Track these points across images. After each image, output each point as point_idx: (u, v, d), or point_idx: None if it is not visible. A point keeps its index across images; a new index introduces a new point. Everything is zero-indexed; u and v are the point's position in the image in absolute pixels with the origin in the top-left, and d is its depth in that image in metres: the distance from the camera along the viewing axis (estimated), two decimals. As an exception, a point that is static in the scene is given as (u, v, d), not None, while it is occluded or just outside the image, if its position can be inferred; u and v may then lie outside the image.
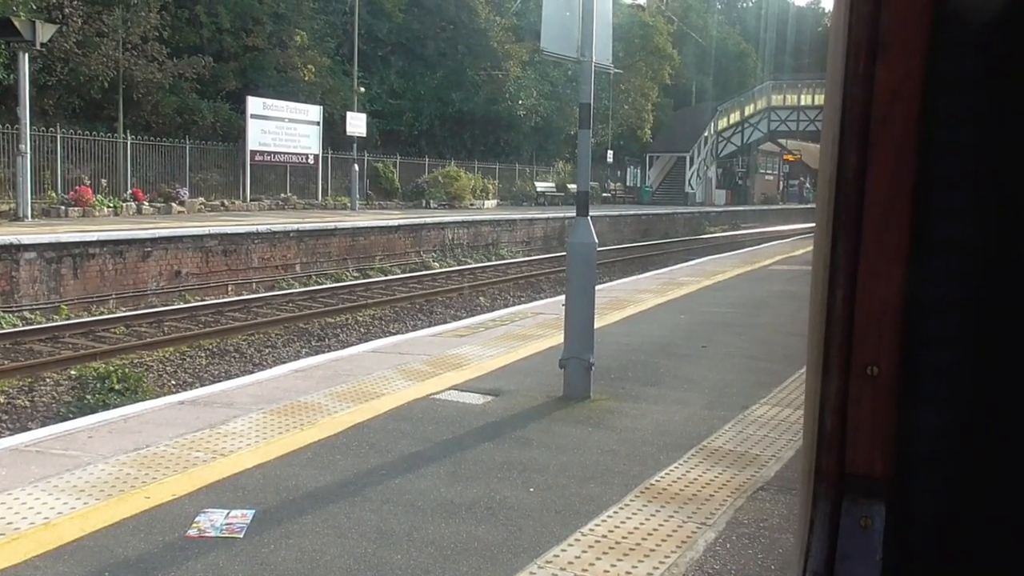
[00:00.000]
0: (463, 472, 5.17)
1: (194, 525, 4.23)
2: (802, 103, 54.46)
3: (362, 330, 14.74)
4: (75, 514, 4.32)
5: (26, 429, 8.22)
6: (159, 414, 6.25)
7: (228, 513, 4.37)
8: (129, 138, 25.15)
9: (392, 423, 6.14)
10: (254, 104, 28.34)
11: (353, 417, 6.22)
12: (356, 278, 20.94)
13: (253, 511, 4.42)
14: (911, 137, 0.98)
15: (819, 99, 52.85)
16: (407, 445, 5.66)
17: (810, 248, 1.19)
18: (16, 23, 18.58)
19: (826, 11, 79.15)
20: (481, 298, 18.70)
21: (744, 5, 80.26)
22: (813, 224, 1.15)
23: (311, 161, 30.87)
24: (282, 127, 29.30)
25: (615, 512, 4.59)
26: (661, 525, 4.42)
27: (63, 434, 5.71)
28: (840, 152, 1.01)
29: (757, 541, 4.28)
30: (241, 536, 4.13)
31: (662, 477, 5.16)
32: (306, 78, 32.77)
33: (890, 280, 0.99)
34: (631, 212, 39.51)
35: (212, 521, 4.27)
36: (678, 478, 5.15)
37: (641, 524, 4.43)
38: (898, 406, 1.00)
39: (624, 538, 4.25)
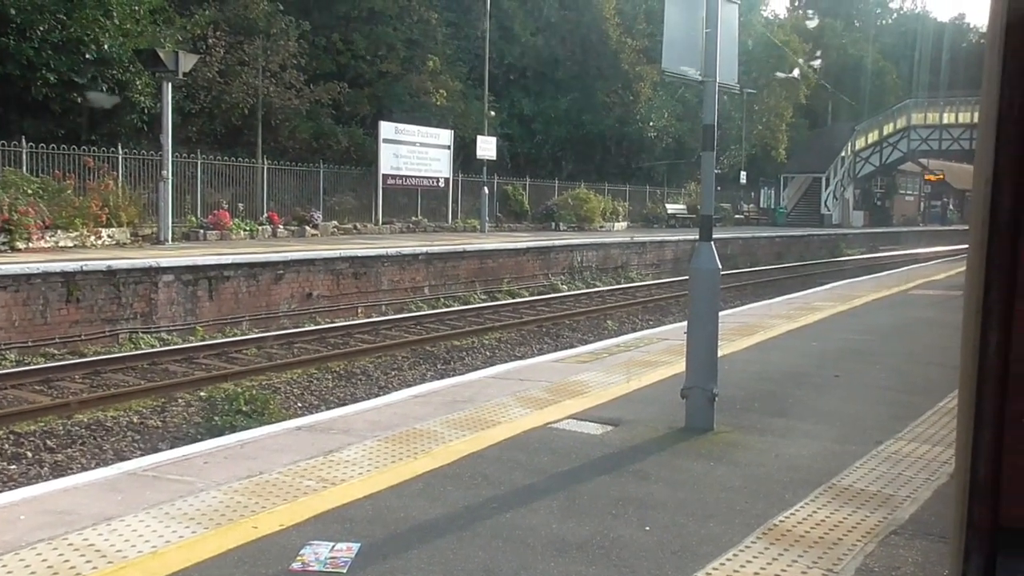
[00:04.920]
0: (577, 507, 4.98)
1: (298, 558, 4.17)
2: (945, 121, 52.48)
3: (488, 353, 14.73)
4: (183, 543, 4.31)
5: (157, 450, 8.46)
6: (276, 440, 6.28)
7: (333, 546, 4.29)
8: (266, 163, 25.95)
9: (507, 453, 6.00)
10: (386, 129, 28.90)
11: (468, 446, 6.11)
12: (484, 300, 21.02)
13: (359, 544, 4.33)
14: None
15: (964, 117, 50.93)
16: (520, 477, 5.51)
17: (953, 272, 1.01)
18: (161, 54, 19.55)
19: (971, 26, 76.20)
20: (609, 321, 18.47)
21: (883, 22, 77.70)
22: (955, 247, 0.98)
23: (442, 184, 31.27)
24: (414, 151, 29.78)
25: (735, 554, 4.33)
26: (784, 570, 4.13)
27: (180, 459, 5.78)
28: (994, 189, 0.86)
29: (890, 595, 3.95)
30: (344, 571, 4.04)
31: (787, 517, 4.86)
32: (438, 102, 33.31)
33: None
34: (764, 234, 38.61)
35: (317, 554, 4.20)
36: (804, 518, 4.84)
37: (762, 568, 4.16)
38: None
39: (744, 586, 3.98)
